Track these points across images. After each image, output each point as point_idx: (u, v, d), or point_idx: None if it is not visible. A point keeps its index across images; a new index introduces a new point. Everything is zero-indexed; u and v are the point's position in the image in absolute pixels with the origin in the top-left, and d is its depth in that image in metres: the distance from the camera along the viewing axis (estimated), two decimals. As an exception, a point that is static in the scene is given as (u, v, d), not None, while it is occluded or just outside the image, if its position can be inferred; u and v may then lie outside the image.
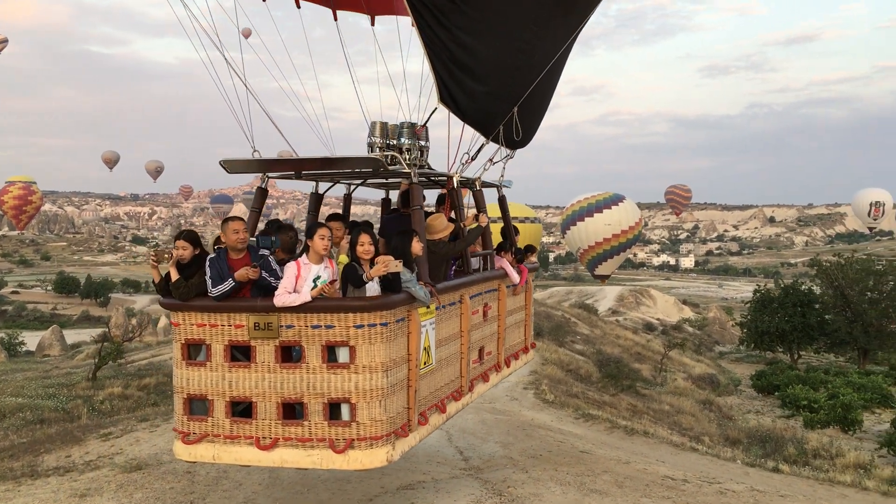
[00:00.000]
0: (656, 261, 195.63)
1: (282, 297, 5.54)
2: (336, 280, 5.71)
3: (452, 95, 6.74)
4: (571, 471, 8.66)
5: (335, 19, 8.41)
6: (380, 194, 8.75)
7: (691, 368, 34.67)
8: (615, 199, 50.96)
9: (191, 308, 5.80)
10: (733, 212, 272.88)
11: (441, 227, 6.94)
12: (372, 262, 5.73)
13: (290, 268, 5.67)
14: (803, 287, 43.59)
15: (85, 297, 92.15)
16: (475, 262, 7.44)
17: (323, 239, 5.74)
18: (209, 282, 5.71)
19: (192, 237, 6.12)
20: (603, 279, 56.14)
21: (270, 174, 6.71)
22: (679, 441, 14.32)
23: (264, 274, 5.74)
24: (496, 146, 7.40)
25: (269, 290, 5.70)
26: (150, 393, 16.78)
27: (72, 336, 47.34)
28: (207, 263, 5.78)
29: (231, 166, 6.41)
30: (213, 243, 6.25)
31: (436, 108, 6.84)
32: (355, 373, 5.51)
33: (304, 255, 5.78)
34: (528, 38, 6.94)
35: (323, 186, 7.51)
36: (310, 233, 5.81)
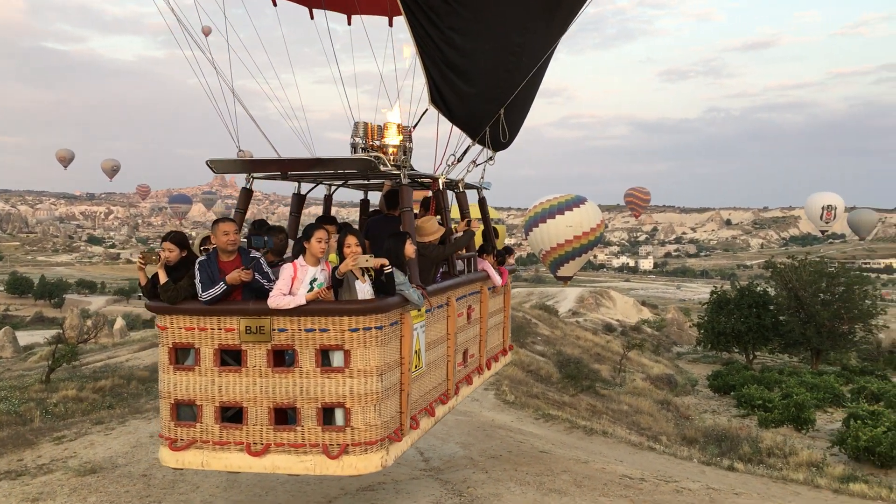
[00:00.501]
0: (616, 262, 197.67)
1: (276, 299, 5.45)
2: (331, 286, 5.64)
3: (443, 96, 6.74)
4: (531, 470, 8.72)
5: (311, 17, 8.32)
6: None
7: (649, 369, 35.09)
8: (577, 201, 51.34)
9: (179, 311, 5.67)
10: (691, 214, 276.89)
11: (432, 229, 6.91)
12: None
13: (287, 269, 5.59)
14: (758, 289, 44.37)
15: (39, 297, 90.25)
16: (458, 265, 7.43)
17: (320, 241, 5.67)
18: (199, 286, 5.59)
19: (178, 239, 5.99)
20: (565, 280, 56.53)
21: (256, 175, 6.59)
22: (637, 440, 14.49)
23: (256, 276, 5.63)
24: (479, 148, 7.40)
25: (262, 293, 5.61)
26: (105, 395, 16.48)
27: (25, 338, 46.31)
28: (197, 266, 5.66)
29: (217, 166, 6.29)
30: (199, 244, 6.15)
31: (426, 110, 6.82)
32: (350, 377, 5.44)
33: (301, 256, 5.70)
34: (518, 41, 6.97)
35: (305, 187, 7.40)
36: (306, 235, 5.74)
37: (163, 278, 5.72)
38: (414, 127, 6.85)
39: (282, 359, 5.62)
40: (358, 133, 6.56)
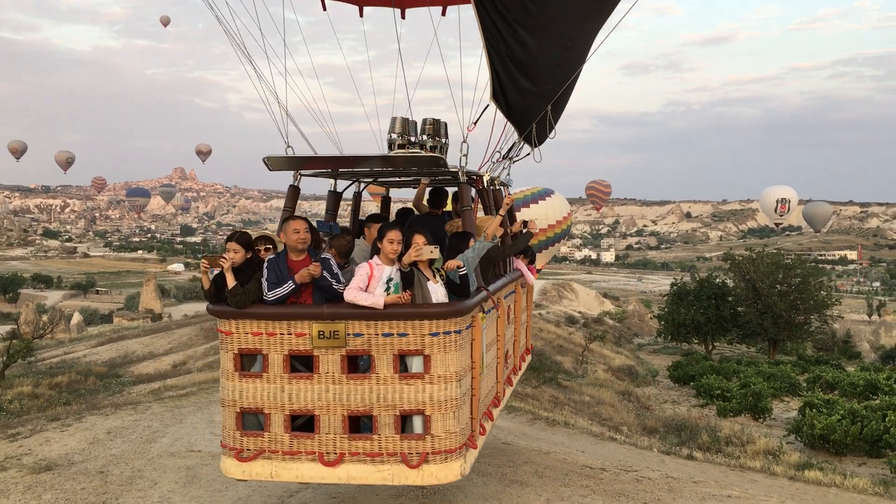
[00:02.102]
0: (578, 255, 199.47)
1: (353, 292, 5.31)
2: (412, 292, 5.53)
3: (504, 92, 6.65)
4: (493, 462, 8.74)
5: (360, 15, 8.16)
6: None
7: (611, 360, 35.47)
8: (543, 194, 51.56)
9: (246, 316, 5.44)
10: (652, 207, 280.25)
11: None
12: (431, 265, 5.69)
13: (363, 267, 5.50)
14: (717, 280, 45.05)
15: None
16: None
17: (392, 243, 5.57)
18: (265, 284, 5.43)
19: (244, 239, 5.79)
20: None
21: (304, 172, 6.43)
22: (598, 431, 14.64)
23: (325, 274, 5.48)
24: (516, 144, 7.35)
25: (329, 292, 5.48)
26: (61, 392, 16.22)
27: (-22, 333, 45.25)
28: (266, 264, 5.52)
29: (274, 163, 6.07)
30: (253, 243, 5.95)
31: (487, 106, 6.71)
32: (430, 383, 5.29)
33: (376, 256, 5.61)
34: (571, 36, 6.89)
35: (341, 185, 7.31)
36: (380, 235, 5.64)
37: (231, 281, 5.49)
38: (475, 123, 6.74)
39: (355, 364, 5.45)
40: (395, 129, 6.43)
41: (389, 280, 5.49)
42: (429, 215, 7.40)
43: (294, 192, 6.41)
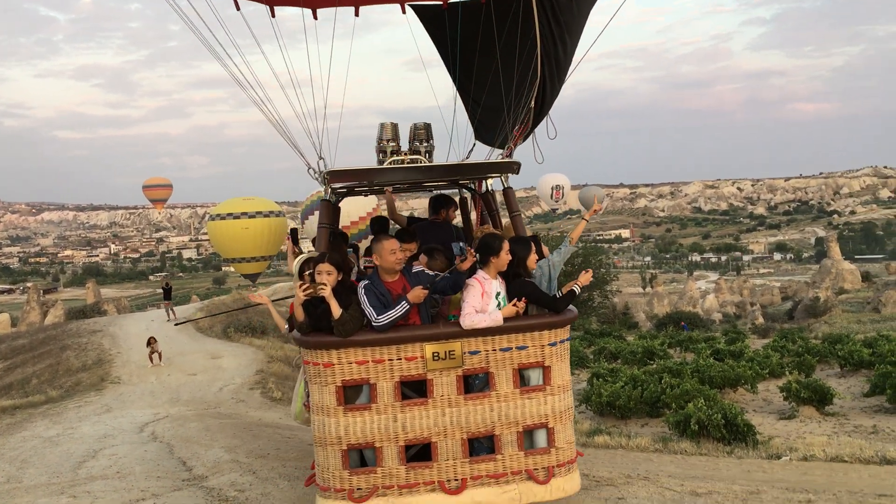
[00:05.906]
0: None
1: (471, 318, 5.04)
2: (526, 300, 5.30)
3: (544, 96, 6.56)
4: (300, 465, 8.66)
5: (273, 16, 7.68)
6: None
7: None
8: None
9: (349, 344, 4.98)
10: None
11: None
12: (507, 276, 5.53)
13: (474, 286, 5.21)
14: (508, 264, 47.40)
15: None
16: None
17: (507, 253, 5.39)
18: (370, 310, 4.96)
19: (337, 260, 5.24)
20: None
21: (334, 185, 6.10)
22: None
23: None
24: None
25: (454, 291, 5.29)
26: None
27: None
28: (363, 290, 5.06)
29: (334, 176, 5.77)
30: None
31: (530, 109, 6.55)
32: (551, 394, 5.15)
33: (481, 270, 5.33)
34: (581, 34, 6.84)
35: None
36: (495, 249, 5.34)
37: (336, 310, 4.96)
38: (522, 129, 6.60)
39: (469, 384, 5.18)
40: (386, 135, 6.19)
41: (498, 294, 5.34)
42: (434, 222, 7.33)
43: (328, 207, 6.12)
